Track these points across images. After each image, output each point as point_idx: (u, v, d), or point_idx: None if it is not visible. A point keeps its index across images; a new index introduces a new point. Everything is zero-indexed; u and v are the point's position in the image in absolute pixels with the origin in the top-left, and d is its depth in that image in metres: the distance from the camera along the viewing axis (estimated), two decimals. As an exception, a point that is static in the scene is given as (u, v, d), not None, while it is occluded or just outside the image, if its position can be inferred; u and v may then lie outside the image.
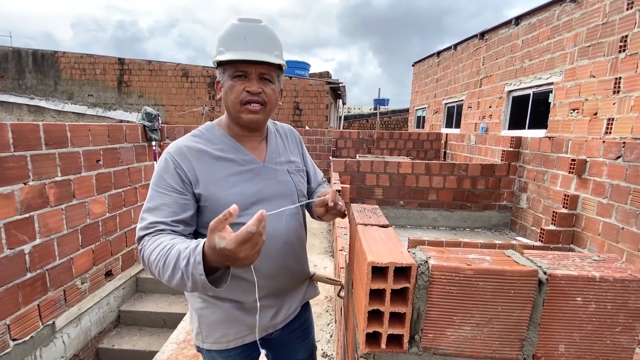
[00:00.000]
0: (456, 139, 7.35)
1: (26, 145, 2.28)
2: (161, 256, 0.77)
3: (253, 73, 0.91)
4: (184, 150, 0.93)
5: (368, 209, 0.93)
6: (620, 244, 3.28)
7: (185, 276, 0.72)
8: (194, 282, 0.71)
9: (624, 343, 0.55)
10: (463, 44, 9.76)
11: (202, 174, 0.91)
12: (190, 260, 0.70)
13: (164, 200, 0.87)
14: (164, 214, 0.86)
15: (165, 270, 0.75)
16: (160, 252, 0.77)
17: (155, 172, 0.93)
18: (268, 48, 0.92)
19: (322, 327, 2.44)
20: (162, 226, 0.85)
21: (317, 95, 11.15)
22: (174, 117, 11.60)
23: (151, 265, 0.79)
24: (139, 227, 0.86)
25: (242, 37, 0.89)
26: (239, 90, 0.91)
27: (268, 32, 0.93)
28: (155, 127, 3.68)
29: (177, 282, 0.74)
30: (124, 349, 3.02)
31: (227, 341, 1.00)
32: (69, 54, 11.81)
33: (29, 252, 2.31)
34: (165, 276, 0.76)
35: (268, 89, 0.93)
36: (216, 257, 0.67)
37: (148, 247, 0.81)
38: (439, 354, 0.58)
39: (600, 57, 5.08)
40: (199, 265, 0.69)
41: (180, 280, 0.73)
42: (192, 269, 0.70)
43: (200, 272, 0.69)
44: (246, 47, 0.89)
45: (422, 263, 0.56)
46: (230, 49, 0.90)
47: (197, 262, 0.69)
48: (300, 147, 1.19)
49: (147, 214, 0.87)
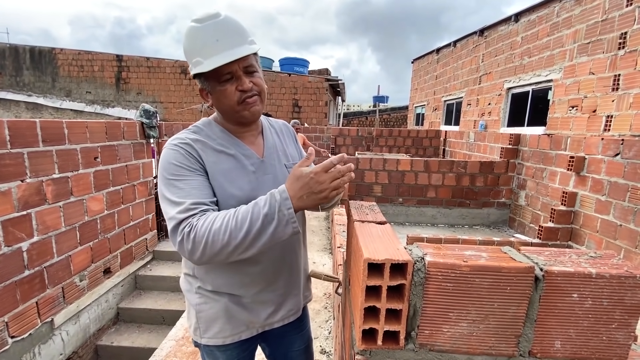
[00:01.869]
0: (455, 137, 7.35)
1: (23, 142, 2.26)
2: (229, 218, 0.75)
3: (239, 70, 0.87)
4: (188, 140, 0.90)
5: (365, 206, 0.93)
6: (618, 241, 3.29)
7: (267, 219, 0.74)
8: (279, 222, 0.75)
9: (619, 339, 0.55)
10: (462, 40, 9.73)
11: (208, 164, 0.90)
12: (274, 201, 0.75)
13: (191, 184, 0.83)
14: (200, 195, 0.82)
15: (238, 227, 0.74)
16: (225, 216, 0.76)
17: (164, 165, 0.86)
18: (241, 40, 0.87)
19: (321, 324, 2.44)
20: (204, 207, 0.80)
21: (316, 93, 11.12)
22: (173, 114, 11.57)
23: (217, 233, 0.74)
24: (174, 214, 0.78)
25: (214, 39, 0.84)
26: (232, 92, 0.88)
27: (233, 23, 0.88)
28: (153, 124, 3.67)
29: (255, 234, 0.75)
30: (123, 346, 3.02)
31: (224, 337, 1.00)
32: (66, 50, 11.74)
33: (27, 250, 2.30)
34: (241, 233, 0.74)
35: (256, 78, 0.91)
36: (298, 188, 0.75)
37: (202, 223, 0.76)
38: (435, 351, 0.58)
39: (600, 54, 5.07)
40: (287, 200, 0.75)
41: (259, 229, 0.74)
42: (280, 205, 0.75)
43: (288, 207, 0.74)
44: (223, 48, 0.84)
45: (419, 260, 0.56)
46: (207, 56, 0.84)
47: (284, 197, 0.75)
48: (295, 142, 1.18)
49: (179, 199, 0.80)
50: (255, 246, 0.76)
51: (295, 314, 1.10)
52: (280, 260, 1.01)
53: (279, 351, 1.18)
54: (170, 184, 0.84)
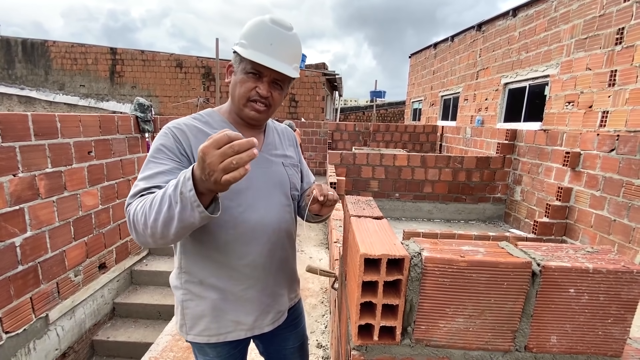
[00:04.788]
0: (452, 132, 7.36)
1: (15, 136, 2.23)
2: (146, 201, 0.74)
3: (267, 76, 0.92)
4: (184, 127, 0.93)
5: (362, 201, 0.92)
6: (612, 236, 3.33)
7: (173, 202, 0.68)
8: (183, 206, 0.67)
9: (615, 334, 0.55)
10: (460, 35, 9.69)
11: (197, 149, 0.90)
12: (179, 183, 0.67)
13: (160, 168, 0.85)
14: (159, 181, 0.83)
15: (151, 209, 0.71)
16: (145, 199, 0.75)
17: (153, 144, 0.91)
18: (290, 59, 0.93)
19: (317, 319, 2.45)
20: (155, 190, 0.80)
21: (314, 87, 11.06)
22: (168, 108, 11.46)
23: (136, 216, 0.73)
24: (130, 194, 0.82)
25: (269, 41, 0.90)
26: (249, 87, 0.92)
27: (294, 42, 0.95)
28: (148, 118, 3.63)
29: (164, 217, 0.69)
30: (119, 340, 3.02)
31: (209, 335, 0.99)
32: (59, 43, 11.55)
33: (20, 245, 2.28)
34: (151, 216, 0.70)
35: (276, 93, 0.96)
36: (198, 167, 0.64)
37: (134, 206, 0.77)
38: (431, 346, 0.58)
39: (597, 49, 5.08)
40: (189, 181, 0.65)
41: (167, 212, 0.68)
42: (182, 186, 0.66)
43: (189, 188, 0.65)
44: (269, 53, 0.89)
45: (415, 255, 0.55)
46: (253, 47, 0.89)
47: (187, 178, 0.66)
48: (296, 146, 1.20)
49: (141, 182, 0.83)
50: (170, 230, 0.71)
51: (282, 316, 1.10)
52: (269, 255, 1.00)
53: (273, 348, 1.18)
54: (147, 161, 0.88)
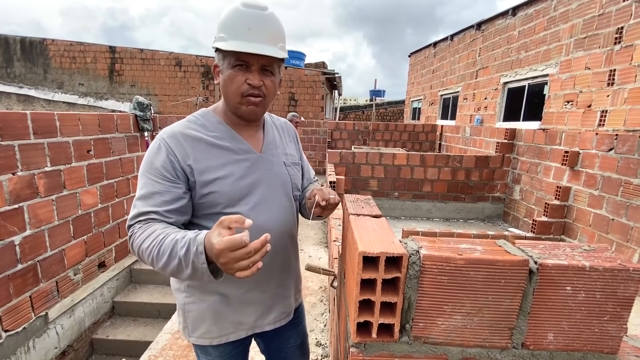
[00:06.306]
0: (451, 131, 7.36)
1: (14, 135, 2.23)
2: (155, 244, 0.76)
3: (255, 64, 0.87)
4: (179, 136, 0.89)
5: (361, 200, 0.93)
6: (610, 235, 3.34)
7: (182, 263, 0.72)
8: (194, 270, 0.72)
9: (612, 331, 0.55)
10: (459, 34, 9.69)
11: (196, 162, 0.89)
12: (190, 249, 0.71)
13: (155, 188, 0.85)
14: (156, 203, 0.84)
15: (159, 257, 0.75)
16: (153, 240, 0.77)
17: (146, 157, 0.89)
18: (273, 40, 0.88)
19: (317, 317, 2.46)
20: (154, 215, 0.83)
21: (313, 86, 11.04)
22: (167, 107, 11.44)
23: (143, 253, 0.78)
24: (130, 216, 0.84)
25: (247, 26, 0.85)
26: (240, 82, 0.88)
27: (274, 21, 0.89)
28: (147, 117, 3.62)
29: (173, 269, 0.74)
30: (118, 339, 3.02)
31: (210, 337, 0.99)
32: (58, 41, 11.51)
33: (20, 244, 2.28)
34: (160, 263, 0.76)
35: (268, 81, 0.90)
36: (209, 250, 0.69)
37: (139, 235, 0.80)
38: (429, 343, 0.58)
39: (596, 48, 5.08)
40: (201, 255, 0.70)
41: (176, 267, 0.73)
42: (194, 257, 0.71)
43: (202, 262, 0.70)
44: (250, 38, 0.84)
45: (414, 253, 0.55)
46: (233, 38, 0.85)
47: (199, 252, 0.70)
48: (296, 141, 1.17)
49: (138, 201, 0.85)
50: (177, 277, 0.77)
51: (287, 316, 1.09)
52: (271, 258, 0.98)
53: (273, 346, 1.17)
54: (143, 177, 0.88)
